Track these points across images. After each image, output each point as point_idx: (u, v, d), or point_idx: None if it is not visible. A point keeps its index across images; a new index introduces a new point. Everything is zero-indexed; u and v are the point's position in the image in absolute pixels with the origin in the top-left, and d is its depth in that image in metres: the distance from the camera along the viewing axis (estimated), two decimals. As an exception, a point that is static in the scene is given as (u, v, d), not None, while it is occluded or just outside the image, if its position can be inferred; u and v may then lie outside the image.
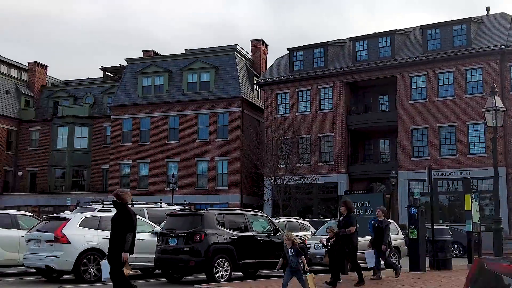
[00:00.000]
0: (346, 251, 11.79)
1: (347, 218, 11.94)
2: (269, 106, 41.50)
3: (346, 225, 11.82)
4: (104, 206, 20.24)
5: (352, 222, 11.82)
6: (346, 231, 11.68)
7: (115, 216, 8.82)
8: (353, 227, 11.77)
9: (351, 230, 11.71)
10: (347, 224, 11.83)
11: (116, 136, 44.46)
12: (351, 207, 12.14)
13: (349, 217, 11.92)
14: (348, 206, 12.04)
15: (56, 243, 13.17)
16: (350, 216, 11.95)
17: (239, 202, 40.59)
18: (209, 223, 13.30)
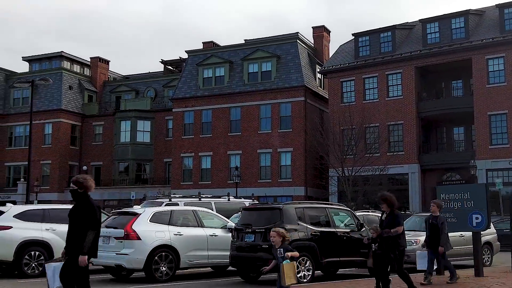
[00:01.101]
0: (391, 256, 9.54)
1: (391, 217, 9.67)
2: (333, 94, 39.91)
3: (391, 225, 9.58)
4: (172, 199, 19.50)
5: (399, 221, 9.57)
6: (392, 232, 9.43)
7: (73, 208, 6.96)
8: (400, 227, 9.55)
9: (397, 230, 9.45)
10: (391, 223, 9.60)
11: (178, 129, 44.08)
12: (394, 203, 9.83)
13: (394, 215, 9.65)
14: (390, 202, 9.74)
15: (126, 240, 12.37)
16: (395, 214, 9.66)
17: (303, 194, 39.32)
18: (289, 218, 12.12)
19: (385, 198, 9.74)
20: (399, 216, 9.68)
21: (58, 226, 14.02)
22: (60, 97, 49.13)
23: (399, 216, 9.68)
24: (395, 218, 9.59)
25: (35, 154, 48.43)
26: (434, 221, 11.56)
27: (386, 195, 9.77)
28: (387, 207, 9.69)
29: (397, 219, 9.61)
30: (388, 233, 9.47)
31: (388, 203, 9.67)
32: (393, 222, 9.55)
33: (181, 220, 13.66)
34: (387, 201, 9.71)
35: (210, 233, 13.68)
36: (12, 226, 13.42)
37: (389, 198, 9.70)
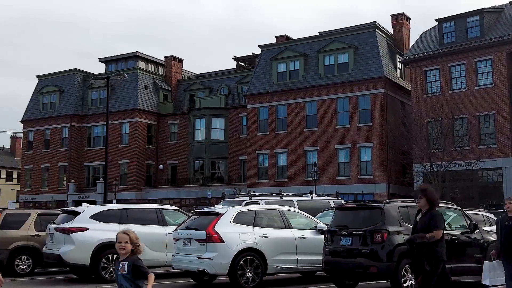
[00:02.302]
0: (427, 269, 7.32)
1: (428, 217, 7.41)
2: (416, 85, 37.48)
3: (427, 228, 7.33)
4: (252, 198, 18.35)
5: (437, 223, 7.29)
6: (427, 237, 7.22)
7: None
8: (439, 230, 7.27)
9: (434, 235, 7.20)
10: (427, 225, 7.34)
11: (252, 126, 43.09)
12: (435, 199, 7.53)
13: (431, 214, 7.39)
14: (430, 197, 7.47)
15: (208, 243, 11.27)
16: (432, 213, 7.40)
17: (385, 192, 37.20)
18: (391, 219, 10.56)
19: (424, 190, 7.54)
20: (437, 216, 7.37)
21: (137, 227, 13.14)
22: (136, 96, 49.49)
23: (437, 216, 7.37)
24: (432, 219, 7.30)
25: (113, 154, 49.15)
26: (510, 223, 8.83)
27: (427, 189, 7.63)
28: (426, 203, 7.47)
29: (434, 220, 7.30)
30: (423, 238, 7.23)
31: (428, 199, 7.46)
32: (429, 224, 7.29)
33: (266, 221, 12.43)
34: (427, 195, 7.45)
35: (298, 235, 12.36)
36: (89, 228, 12.69)
37: (429, 193, 7.47)
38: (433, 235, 7.20)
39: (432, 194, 7.52)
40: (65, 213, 13.42)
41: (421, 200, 7.52)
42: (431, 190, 7.58)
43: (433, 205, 7.48)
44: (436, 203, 7.58)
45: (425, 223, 7.37)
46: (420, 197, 7.54)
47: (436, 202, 7.56)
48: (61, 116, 51.55)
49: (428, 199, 7.44)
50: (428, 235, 7.19)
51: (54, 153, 51.70)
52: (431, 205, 7.46)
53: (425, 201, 7.46)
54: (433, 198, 7.49)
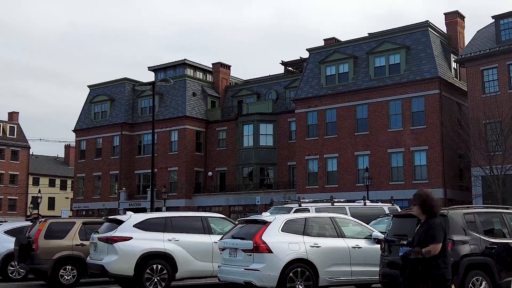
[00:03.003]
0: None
1: (424, 228, 6.10)
2: (473, 85, 35.73)
3: (423, 241, 6.00)
4: (301, 205, 17.58)
5: (434, 235, 5.93)
6: (423, 252, 5.89)
7: None
8: (436, 244, 5.89)
9: (431, 250, 5.87)
10: (423, 238, 6.02)
11: (301, 131, 42.24)
12: (432, 205, 6.13)
13: (428, 225, 6.05)
14: (425, 203, 6.13)
15: (255, 253, 10.56)
16: (430, 223, 6.04)
17: (442, 197, 35.54)
18: (456, 227, 9.59)
19: (418, 196, 6.17)
20: (435, 227, 5.96)
21: (182, 236, 12.65)
22: (184, 104, 49.57)
23: (435, 227, 5.96)
24: (428, 230, 5.97)
25: (162, 161, 49.42)
26: None
27: (421, 192, 6.21)
28: (420, 211, 6.12)
29: (431, 231, 5.94)
30: (418, 253, 5.92)
31: (422, 206, 6.09)
32: (425, 237, 5.97)
33: (317, 229, 11.63)
34: (422, 202, 6.11)
35: (352, 244, 11.49)
36: (132, 237, 12.21)
37: (425, 198, 6.12)
38: (429, 250, 5.85)
39: (428, 200, 6.14)
40: (108, 221, 13.02)
41: (414, 208, 6.18)
42: (428, 196, 6.18)
43: (431, 214, 6.11)
44: (435, 210, 6.11)
45: (421, 235, 6.03)
46: (414, 205, 6.19)
47: (434, 210, 6.10)
48: (112, 124, 52.24)
49: (422, 206, 6.10)
50: (424, 250, 5.86)
51: (105, 161, 52.40)
52: (428, 213, 6.11)
53: (419, 209, 6.12)
54: (429, 204, 6.09)
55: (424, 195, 6.17)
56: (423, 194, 6.19)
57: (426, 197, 6.16)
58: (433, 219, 6.08)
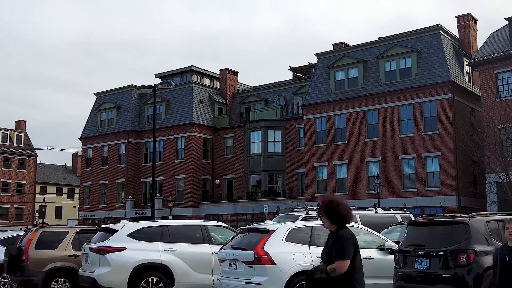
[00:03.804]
0: None
1: (332, 240, 5.07)
2: (487, 88, 34.69)
3: (329, 256, 4.99)
4: (309, 212, 16.67)
5: (343, 249, 4.91)
6: (328, 270, 4.87)
7: None
8: (343, 261, 4.88)
9: (336, 268, 4.85)
10: (329, 253, 5.02)
11: (310, 137, 41.30)
12: (341, 210, 5.02)
13: (336, 237, 5.01)
14: (332, 209, 5.02)
15: (257, 265, 9.67)
16: (339, 235, 4.99)
17: (456, 205, 34.45)
18: (478, 236, 8.67)
19: (322, 205, 5.09)
20: (344, 239, 4.89)
21: (179, 246, 11.79)
22: (191, 110, 48.86)
23: (344, 239, 4.89)
24: (336, 244, 4.91)
25: (169, 169, 48.69)
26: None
27: (329, 198, 5.09)
28: (329, 221, 5.01)
29: (338, 245, 4.88)
30: (322, 272, 4.85)
31: (329, 214, 4.98)
32: (331, 252, 4.93)
33: (325, 239, 10.67)
34: (327, 210, 5.01)
35: (363, 255, 10.38)
36: (126, 247, 11.37)
37: (328, 204, 5.00)
38: (334, 267, 4.79)
39: (334, 206, 4.96)
40: (101, 231, 12.20)
41: (322, 220, 5.10)
42: (332, 201, 5.02)
43: (342, 222, 4.96)
44: (344, 216, 4.95)
45: (329, 249, 5.00)
46: (321, 215, 5.10)
47: (343, 218, 4.95)
48: (118, 132, 51.62)
49: (328, 214, 4.96)
50: (328, 268, 4.83)
51: (112, 169, 51.74)
52: (338, 222, 4.97)
53: (327, 219, 5.00)
54: (336, 210, 4.93)
55: (326, 201, 5.02)
56: (326, 200, 5.06)
57: (330, 203, 4.99)
58: (342, 230, 4.96)
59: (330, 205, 5.02)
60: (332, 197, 5.08)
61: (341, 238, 4.93)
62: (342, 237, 4.93)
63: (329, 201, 5.04)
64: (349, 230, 5.03)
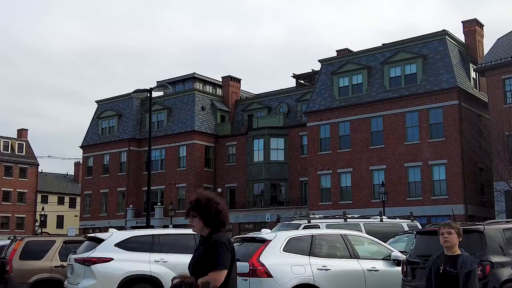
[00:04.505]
0: None
1: (203, 247, 4.08)
2: (494, 94, 33.89)
3: (201, 265, 4.03)
4: (311, 221, 15.88)
5: (218, 257, 3.96)
6: (199, 285, 3.91)
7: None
8: (219, 271, 3.94)
9: (210, 281, 3.92)
10: (200, 262, 4.06)
11: (313, 145, 40.52)
12: (221, 211, 4.12)
13: (212, 244, 4.02)
14: (210, 209, 4.09)
15: (252, 278, 8.88)
16: (213, 240, 4.03)
17: (463, 213, 33.52)
18: (494, 246, 7.89)
19: (196, 203, 4.12)
20: (219, 246, 3.97)
21: (171, 257, 11.01)
22: (193, 118, 48.20)
23: (219, 246, 3.97)
24: (207, 252, 4.00)
25: (170, 178, 47.98)
26: (449, 268, 5.13)
27: (201, 196, 4.15)
28: (203, 224, 4.08)
29: (214, 253, 3.96)
30: (191, 286, 3.92)
31: (204, 215, 4.07)
32: (203, 261, 4.01)
33: (326, 249, 9.95)
34: (203, 210, 4.07)
35: (368, 266, 9.78)
36: (113, 258, 10.60)
37: (206, 203, 4.08)
38: (208, 280, 3.88)
39: (211, 205, 4.06)
40: (88, 240, 11.45)
41: (194, 220, 4.10)
42: (210, 199, 4.10)
43: (218, 225, 4.07)
44: (223, 219, 4.09)
45: (199, 258, 4.05)
46: (192, 216, 4.12)
47: (224, 222, 4.11)
48: (119, 140, 50.97)
49: (204, 215, 4.05)
50: (200, 281, 3.90)
51: (112, 178, 51.04)
52: (213, 226, 4.07)
53: (200, 221, 4.07)
54: (214, 211, 4.05)
55: (203, 199, 4.08)
56: (202, 197, 4.10)
57: (208, 201, 4.07)
58: (217, 235, 4.04)
59: (208, 204, 4.06)
60: (209, 195, 4.16)
61: (216, 244, 3.95)
62: (218, 243, 3.96)
63: (206, 199, 4.08)
64: (225, 235, 4.10)
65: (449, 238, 5.20)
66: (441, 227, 5.28)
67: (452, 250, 5.22)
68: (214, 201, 4.11)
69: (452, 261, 5.15)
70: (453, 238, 5.21)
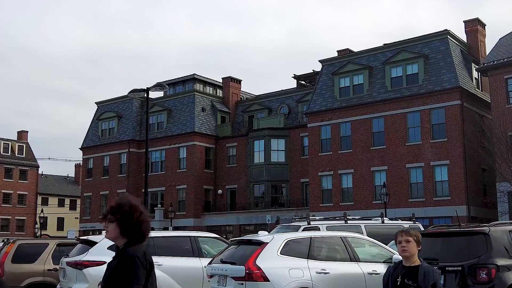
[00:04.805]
0: None
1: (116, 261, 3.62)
2: (496, 94, 33.59)
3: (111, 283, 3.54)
4: (311, 223, 15.59)
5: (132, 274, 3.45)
6: None
7: None
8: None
9: None
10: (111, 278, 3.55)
11: (314, 146, 40.21)
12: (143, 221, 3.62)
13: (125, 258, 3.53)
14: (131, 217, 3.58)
15: (248, 282, 8.58)
16: (128, 255, 3.53)
17: (466, 215, 33.18)
18: (500, 249, 7.57)
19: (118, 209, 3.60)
20: (134, 260, 3.49)
21: (166, 260, 10.68)
22: (193, 119, 47.91)
23: (134, 260, 3.49)
24: (121, 266, 3.51)
25: (170, 179, 47.68)
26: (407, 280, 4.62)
27: (123, 201, 3.63)
28: (119, 232, 3.59)
29: (127, 268, 3.48)
30: None
31: (124, 222, 3.57)
32: (115, 277, 3.53)
33: (325, 251, 9.64)
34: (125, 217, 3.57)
35: (368, 270, 9.47)
36: (106, 261, 10.25)
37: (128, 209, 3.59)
38: None
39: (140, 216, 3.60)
40: (81, 243, 11.13)
41: (110, 225, 3.60)
42: (139, 210, 3.61)
43: (137, 236, 3.60)
44: (145, 236, 3.64)
45: (111, 271, 3.55)
46: (109, 221, 3.60)
47: (144, 235, 3.63)
48: (119, 142, 50.70)
49: (124, 224, 3.56)
50: None
51: (112, 179, 50.76)
52: (130, 235, 3.58)
53: (117, 228, 3.57)
54: (135, 220, 3.57)
55: (127, 205, 3.58)
56: (126, 203, 3.59)
57: (131, 208, 3.58)
58: (133, 248, 3.54)
59: (131, 211, 3.56)
60: (133, 201, 3.63)
61: (130, 259, 3.47)
62: (131, 257, 3.48)
63: (130, 206, 3.58)
64: (141, 247, 3.59)
65: (407, 247, 4.65)
66: (398, 235, 4.77)
67: (411, 260, 4.68)
68: (138, 209, 3.59)
69: (411, 273, 4.59)
70: (412, 247, 4.66)
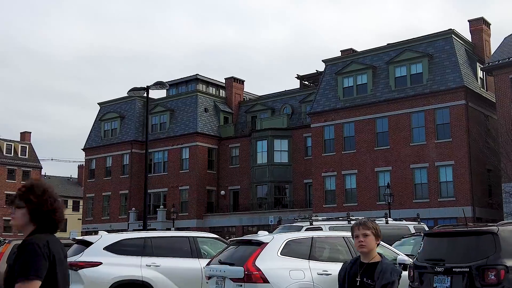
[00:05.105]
0: None
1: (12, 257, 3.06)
2: (501, 94, 33.21)
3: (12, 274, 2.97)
4: (313, 223, 15.29)
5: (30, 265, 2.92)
6: None
7: None
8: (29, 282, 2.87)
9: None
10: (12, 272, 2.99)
11: (318, 146, 39.89)
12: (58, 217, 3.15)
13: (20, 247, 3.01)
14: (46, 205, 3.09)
15: (247, 283, 8.29)
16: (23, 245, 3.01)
17: (471, 216, 32.78)
18: (509, 249, 7.25)
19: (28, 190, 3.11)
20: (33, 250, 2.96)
21: (164, 261, 10.42)
22: (196, 120, 47.67)
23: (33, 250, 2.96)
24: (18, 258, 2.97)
25: (173, 180, 47.45)
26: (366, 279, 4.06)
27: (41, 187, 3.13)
28: (28, 217, 3.09)
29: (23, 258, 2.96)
30: None
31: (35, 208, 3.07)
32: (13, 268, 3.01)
33: (327, 252, 9.34)
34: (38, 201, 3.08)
35: (372, 271, 9.12)
36: (102, 262, 10.01)
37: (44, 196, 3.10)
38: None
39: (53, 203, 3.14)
40: (77, 243, 10.86)
41: (18, 211, 3.11)
42: (53, 196, 3.15)
43: (44, 228, 3.14)
44: (58, 225, 3.19)
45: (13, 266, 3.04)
46: (18, 205, 3.11)
47: (57, 224, 3.18)
48: (122, 142, 50.50)
49: (34, 210, 3.09)
50: None
51: (115, 180, 50.56)
52: (40, 224, 3.13)
53: (27, 214, 3.10)
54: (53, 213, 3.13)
55: (39, 189, 3.12)
56: (38, 186, 3.14)
57: (44, 193, 3.12)
58: (34, 236, 3.06)
59: (44, 196, 3.11)
60: (47, 186, 3.17)
61: (27, 245, 3.00)
62: (29, 244, 3.00)
63: (43, 190, 3.12)
64: (44, 236, 3.08)
65: (365, 242, 4.04)
66: (355, 228, 4.15)
67: (370, 256, 4.07)
68: (52, 195, 3.14)
69: (369, 270, 4.02)
70: (370, 241, 4.05)
